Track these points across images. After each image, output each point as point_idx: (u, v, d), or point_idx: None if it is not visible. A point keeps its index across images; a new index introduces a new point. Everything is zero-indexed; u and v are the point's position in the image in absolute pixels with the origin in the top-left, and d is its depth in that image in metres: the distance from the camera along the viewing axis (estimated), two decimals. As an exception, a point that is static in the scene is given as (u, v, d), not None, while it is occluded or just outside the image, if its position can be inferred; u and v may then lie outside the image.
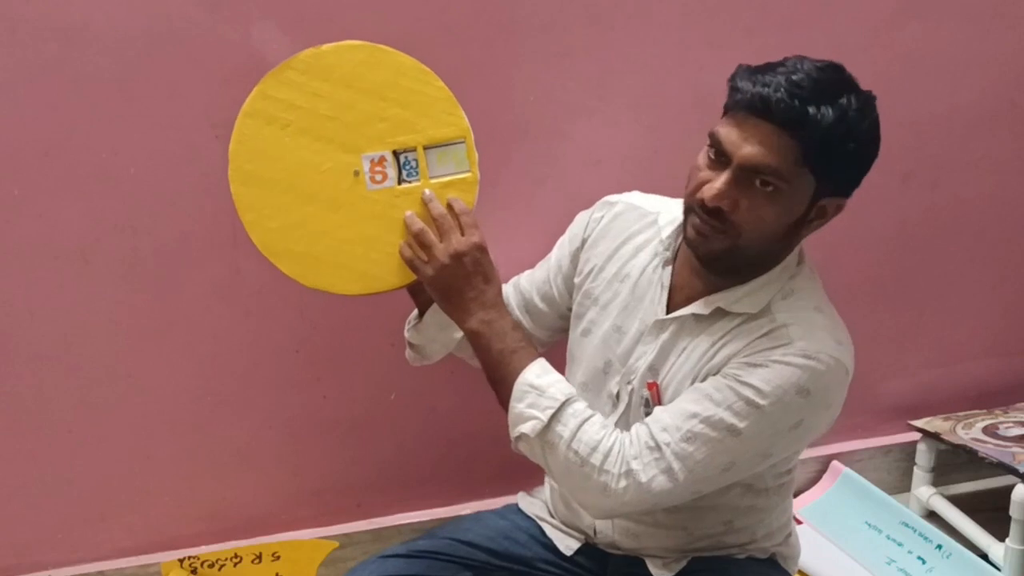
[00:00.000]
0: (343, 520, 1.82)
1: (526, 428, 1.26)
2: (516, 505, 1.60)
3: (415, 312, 1.50)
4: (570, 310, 1.50)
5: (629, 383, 1.38)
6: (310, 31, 1.53)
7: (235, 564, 1.71)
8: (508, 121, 1.66)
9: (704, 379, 1.30)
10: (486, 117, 1.64)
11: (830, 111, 1.17)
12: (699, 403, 1.25)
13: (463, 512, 1.84)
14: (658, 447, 1.24)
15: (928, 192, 1.98)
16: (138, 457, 1.67)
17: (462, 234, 1.30)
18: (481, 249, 1.30)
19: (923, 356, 2.11)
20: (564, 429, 1.25)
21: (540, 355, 1.32)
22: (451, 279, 1.30)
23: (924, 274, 2.05)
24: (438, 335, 1.48)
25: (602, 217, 1.47)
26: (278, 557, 1.73)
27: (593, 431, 1.26)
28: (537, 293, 1.53)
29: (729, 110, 1.24)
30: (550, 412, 1.25)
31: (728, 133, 1.21)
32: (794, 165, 1.19)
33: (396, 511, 1.84)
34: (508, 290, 1.56)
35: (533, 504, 1.58)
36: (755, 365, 1.24)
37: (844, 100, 1.19)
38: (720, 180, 1.21)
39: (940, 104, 1.92)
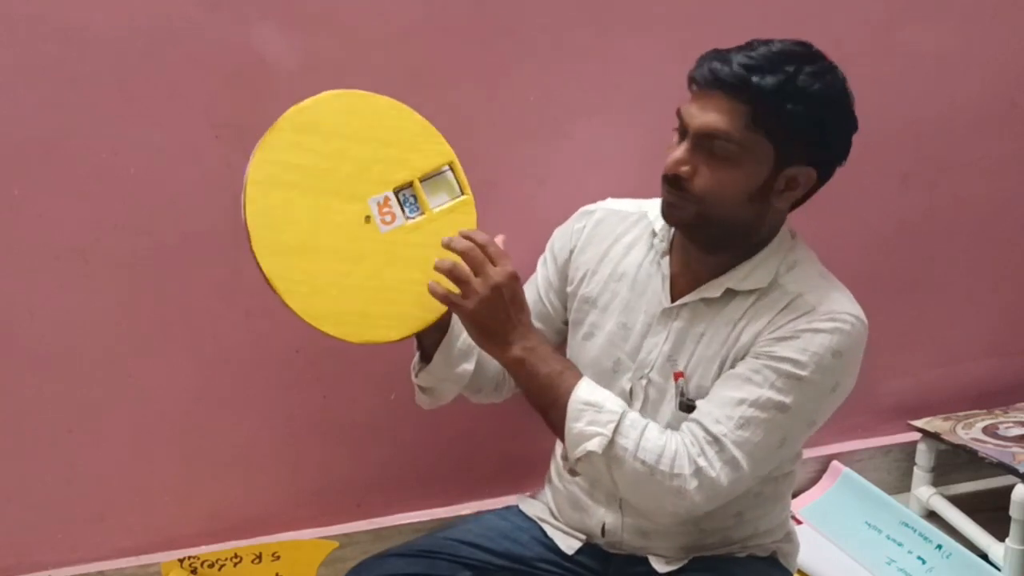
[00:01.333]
0: (343, 520, 1.82)
1: (592, 445, 1.26)
2: (517, 507, 1.60)
3: (417, 357, 1.46)
4: (566, 323, 1.51)
5: (643, 377, 1.39)
6: (310, 31, 1.53)
7: (235, 564, 1.71)
8: (508, 121, 1.66)
9: (734, 363, 1.32)
10: (487, 117, 1.65)
11: (773, 77, 1.24)
12: (742, 388, 1.28)
13: (463, 512, 1.84)
14: (716, 440, 1.27)
15: (928, 192, 1.98)
16: (138, 457, 1.67)
17: (495, 265, 1.27)
18: (516, 278, 1.28)
19: (923, 356, 2.11)
20: (628, 441, 1.26)
21: (578, 370, 1.32)
22: (492, 311, 1.27)
23: (924, 274, 2.05)
24: (449, 373, 1.45)
25: (583, 226, 1.49)
26: (278, 557, 1.73)
27: (654, 437, 1.27)
28: (532, 315, 1.53)
29: (690, 87, 1.31)
30: (612, 426, 1.26)
31: (687, 107, 1.29)
32: (745, 129, 1.25)
33: (396, 511, 1.84)
34: None
35: (534, 506, 1.58)
36: (785, 338, 1.28)
37: (791, 67, 1.25)
38: (679, 150, 1.29)
39: (940, 104, 1.92)
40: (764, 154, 1.27)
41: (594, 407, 1.27)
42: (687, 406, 1.35)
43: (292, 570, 1.73)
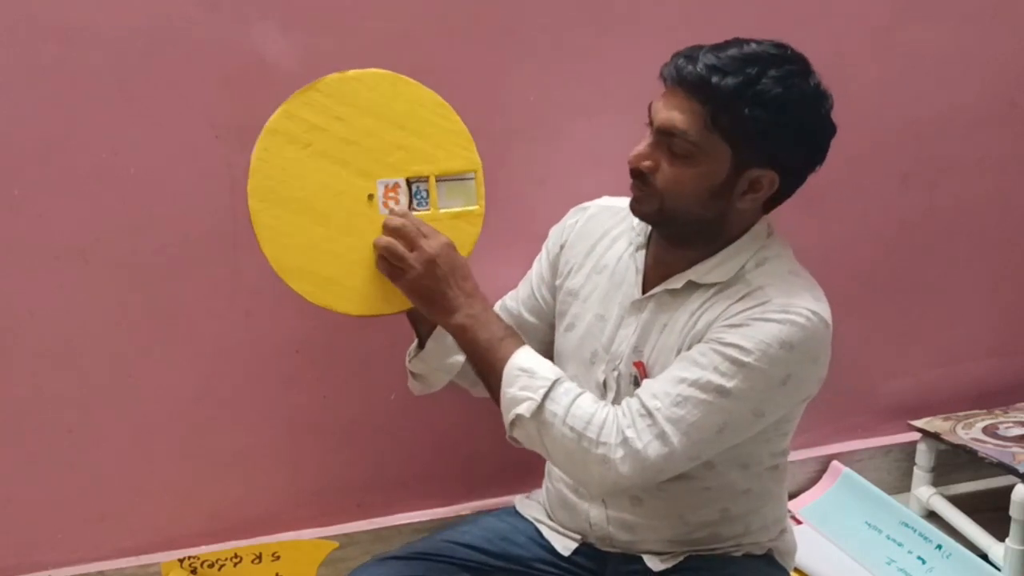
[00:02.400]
0: (343, 520, 1.82)
1: (521, 409, 1.27)
2: (514, 508, 1.60)
3: (415, 343, 1.51)
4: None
5: (615, 369, 1.40)
6: (310, 31, 1.53)
7: (235, 564, 1.71)
8: (508, 121, 1.66)
9: (689, 348, 1.32)
10: (486, 117, 1.64)
11: (732, 79, 1.24)
12: (686, 369, 1.27)
13: (463, 512, 1.84)
14: (649, 413, 1.26)
15: (928, 192, 1.98)
16: (138, 457, 1.67)
17: (427, 238, 1.31)
18: (451, 246, 1.32)
19: (923, 356, 2.11)
20: (557, 407, 1.26)
21: (520, 337, 1.34)
22: (430, 282, 1.31)
23: (924, 274, 2.05)
24: (441, 362, 1.49)
25: (576, 222, 1.52)
26: (278, 557, 1.73)
27: (586, 405, 1.27)
28: (525, 308, 1.56)
29: (662, 84, 1.33)
30: (543, 391, 1.26)
31: (656, 103, 1.32)
32: (703, 129, 1.26)
33: (396, 511, 1.84)
34: (496, 310, 1.57)
35: (530, 507, 1.58)
36: (736, 325, 1.28)
37: (753, 70, 1.24)
38: (641, 144, 1.32)
39: (940, 104, 1.92)
40: (721, 155, 1.28)
41: (528, 373, 1.28)
42: None
43: (292, 570, 1.73)
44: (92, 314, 1.58)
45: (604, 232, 1.48)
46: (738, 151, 1.27)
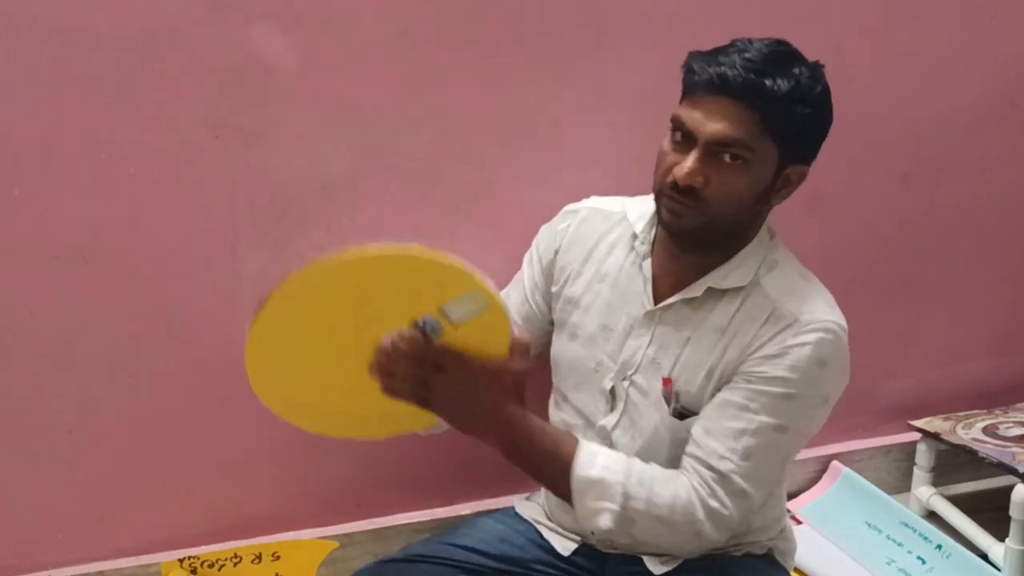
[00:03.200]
0: (343, 520, 1.82)
1: (604, 522, 1.28)
2: (513, 509, 1.60)
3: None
4: (552, 323, 1.51)
5: (625, 379, 1.40)
6: (310, 31, 1.53)
7: (235, 564, 1.71)
8: (508, 121, 1.66)
9: (722, 376, 1.33)
10: (486, 117, 1.65)
11: (784, 81, 1.24)
12: (739, 418, 1.29)
13: (463, 512, 1.84)
14: (724, 477, 1.29)
15: (928, 192, 1.98)
16: (138, 457, 1.67)
17: (434, 366, 1.17)
18: (460, 361, 1.16)
19: (923, 356, 2.11)
20: (638, 503, 1.28)
21: (571, 437, 1.30)
22: (455, 407, 1.20)
23: (924, 274, 2.05)
24: None
25: (568, 226, 1.50)
26: (278, 557, 1.73)
27: (662, 490, 1.29)
28: (518, 315, 1.54)
29: (688, 93, 1.30)
30: (620, 496, 1.27)
31: (690, 115, 1.28)
32: (757, 135, 1.26)
33: (396, 511, 1.84)
34: None
35: (530, 508, 1.58)
36: (772, 356, 1.30)
37: (796, 69, 1.26)
38: (690, 160, 1.27)
39: (940, 104, 1.92)
40: (771, 157, 1.29)
41: (598, 484, 1.27)
42: (681, 413, 1.37)
43: (292, 570, 1.73)
44: (92, 314, 1.58)
45: (599, 238, 1.47)
46: (784, 151, 1.28)
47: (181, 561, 1.70)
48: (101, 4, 1.44)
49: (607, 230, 1.47)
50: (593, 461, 1.28)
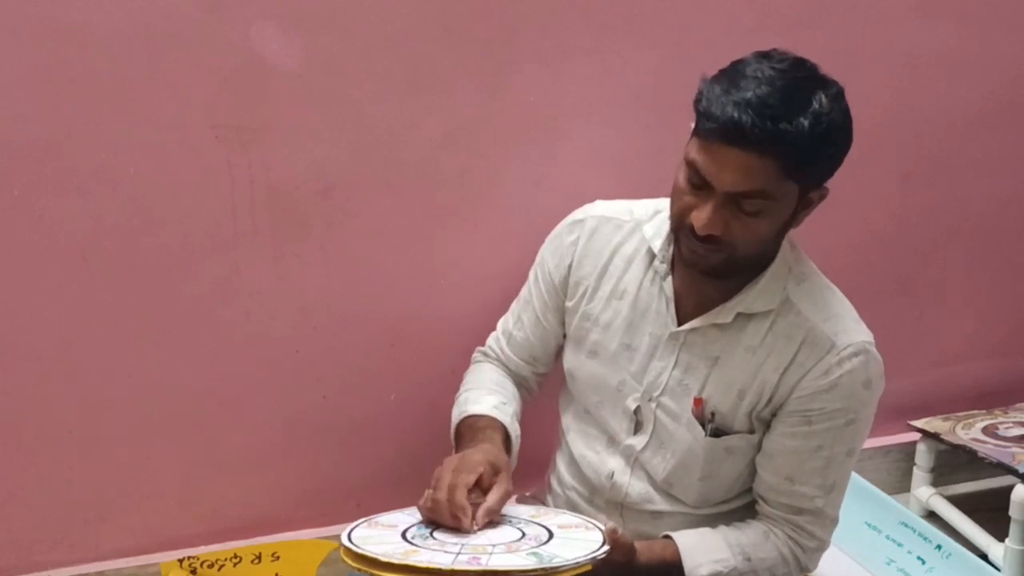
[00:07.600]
0: (343, 520, 1.81)
1: None
2: (515, 507, 1.60)
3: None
4: (565, 337, 1.49)
5: (651, 400, 1.39)
6: (310, 31, 1.53)
7: (235, 564, 1.71)
8: (508, 121, 1.66)
9: (757, 399, 1.34)
10: (486, 118, 1.65)
11: (804, 120, 1.17)
12: (816, 458, 1.35)
13: (463, 512, 1.84)
14: (817, 513, 1.38)
15: (928, 192, 1.98)
16: (138, 457, 1.67)
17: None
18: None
19: (923, 356, 2.11)
20: (751, 574, 1.36)
21: (660, 542, 1.38)
22: None
23: (924, 274, 2.05)
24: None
25: (577, 238, 1.45)
26: (278, 557, 1.73)
27: (764, 554, 1.37)
28: (534, 338, 1.51)
29: (702, 136, 1.22)
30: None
31: (705, 163, 1.21)
32: (777, 181, 1.21)
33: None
34: (501, 345, 1.55)
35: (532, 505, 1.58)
36: (826, 390, 1.32)
37: (816, 104, 1.19)
38: (707, 210, 1.22)
39: (940, 104, 1.92)
40: (791, 193, 1.25)
41: (719, 564, 1.35)
42: (718, 432, 1.36)
43: (292, 570, 1.73)
44: (92, 314, 1.58)
45: (613, 250, 1.42)
46: (805, 185, 1.25)
47: (181, 561, 1.70)
48: (101, 4, 1.44)
49: (621, 241, 1.42)
50: (696, 559, 1.35)
